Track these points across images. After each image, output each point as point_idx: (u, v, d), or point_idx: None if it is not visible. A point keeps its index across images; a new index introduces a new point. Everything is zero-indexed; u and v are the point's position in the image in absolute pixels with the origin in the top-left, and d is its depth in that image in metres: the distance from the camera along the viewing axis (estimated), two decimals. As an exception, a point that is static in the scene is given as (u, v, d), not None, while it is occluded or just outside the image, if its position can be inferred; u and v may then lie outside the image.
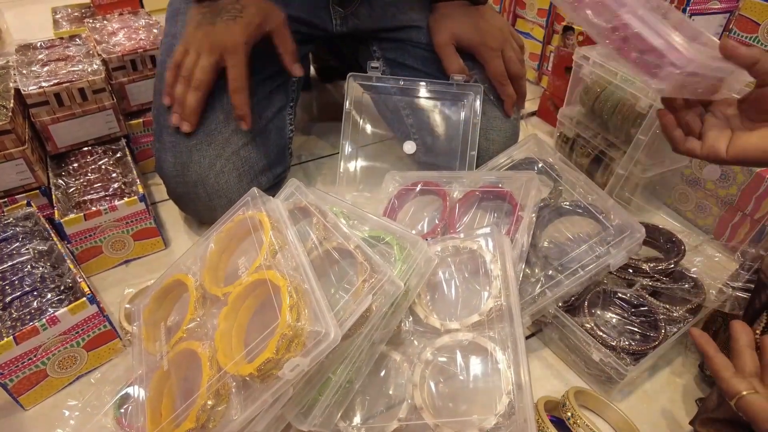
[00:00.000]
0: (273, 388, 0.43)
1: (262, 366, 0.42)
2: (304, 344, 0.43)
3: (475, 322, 0.52)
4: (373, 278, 0.47)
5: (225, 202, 0.73)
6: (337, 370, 0.47)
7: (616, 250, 0.58)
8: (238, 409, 0.45)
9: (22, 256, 0.63)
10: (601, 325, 0.59)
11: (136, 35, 0.91)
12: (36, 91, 0.73)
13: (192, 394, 0.47)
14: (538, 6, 1.19)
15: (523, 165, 0.73)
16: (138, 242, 0.75)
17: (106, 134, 0.82)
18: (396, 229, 0.54)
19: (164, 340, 0.54)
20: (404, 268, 0.50)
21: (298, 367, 0.41)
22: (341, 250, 0.53)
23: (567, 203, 0.66)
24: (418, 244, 0.52)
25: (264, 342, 0.43)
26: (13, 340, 0.53)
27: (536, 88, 1.28)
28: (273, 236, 0.52)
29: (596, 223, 0.63)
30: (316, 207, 0.56)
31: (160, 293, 0.58)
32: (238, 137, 0.74)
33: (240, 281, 0.51)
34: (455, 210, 0.66)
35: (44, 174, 0.75)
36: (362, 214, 0.58)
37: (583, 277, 0.57)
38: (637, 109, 0.75)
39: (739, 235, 0.75)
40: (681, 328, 0.59)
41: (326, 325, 0.43)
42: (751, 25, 0.74)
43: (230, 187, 0.73)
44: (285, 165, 0.84)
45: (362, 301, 0.45)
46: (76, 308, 0.56)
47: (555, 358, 0.63)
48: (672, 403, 0.59)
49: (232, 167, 0.73)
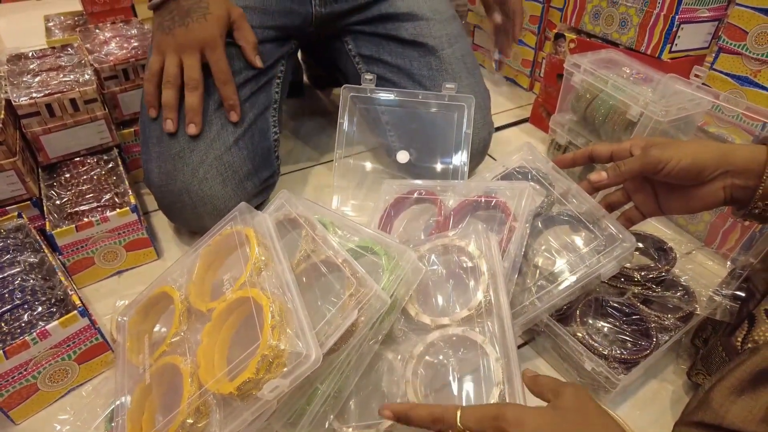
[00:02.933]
0: (253, 407, 0.43)
1: (242, 386, 0.42)
2: (285, 365, 0.43)
3: (465, 317, 0.52)
4: (359, 293, 0.47)
5: (211, 209, 0.73)
6: (325, 381, 0.48)
7: (608, 260, 0.58)
8: (217, 427, 0.44)
9: (12, 269, 0.63)
10: (593, 333, 0.59)
11: (128, 44, 0.91)
12: (27, 102, 0.73)
13: (173, 409, 0.47)
14: (530, 13, 1.19)
15: (516, 173, 0.74)
16: (130, 253, 0.75)
17: (98, 144, 0.82)
18: (384, 239, 0.55)
19: (148, 353, 0.54)
20: (392, 278, 0.51)
21: (278, 389, 0.41)
22: (329, 263, 0.53)
23: (559, 212, 0.66)
24: (405, 254, 0.52)
25: (245, 361, 0.43)
26: (3, 355, 0.53)
27: (528, 95, 1.29)
28: (259, 252, 0.52)
29: (588, 232, 0.63)
30: (305, 219, 0.57)
31: (145, 305, 0.58)
32: (220, 142, 0.74)
33: (224, 297, 0.51)
34: (449, 219, 0.66)
35: (35, 185, 0.75)
36: (351, 224, 0.58)
37: (574, 287, 0.57)
38: (627, 116, 0.76)
39: (730, 242, 0.76)
40: (672, 336, 0.59)
41: (307, 347, 0.42)
42: (740, 33, 0.75)
43: (215, 194, 0.73)
44: (272, 169, 0.83)
45: (348, 315, 0.46)
46: (67, 321, 0.56)
47: (548, 367, 0.64)
48: (663, 411, 0.59)
49: (216, 173, 0.73)
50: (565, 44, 0.99)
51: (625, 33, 0.88)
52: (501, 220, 0.64)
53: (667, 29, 0.81)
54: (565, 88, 0.89)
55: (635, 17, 0.85)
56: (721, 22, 0.84)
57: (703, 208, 0.55)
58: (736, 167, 0.51)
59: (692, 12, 0.81)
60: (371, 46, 0.88)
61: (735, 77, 0.77)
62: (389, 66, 0.87)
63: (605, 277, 0.59)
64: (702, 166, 0.51)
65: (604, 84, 0.79)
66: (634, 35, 0.87)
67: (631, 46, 0.88)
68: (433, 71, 0.85)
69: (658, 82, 0.77)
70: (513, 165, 0.75)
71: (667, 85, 0.76)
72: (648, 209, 0.60)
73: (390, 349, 0.54)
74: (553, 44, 1.03)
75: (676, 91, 0.74)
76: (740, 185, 0.51)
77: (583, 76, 0.82)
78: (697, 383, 0.58)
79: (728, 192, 0.52)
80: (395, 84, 0.86)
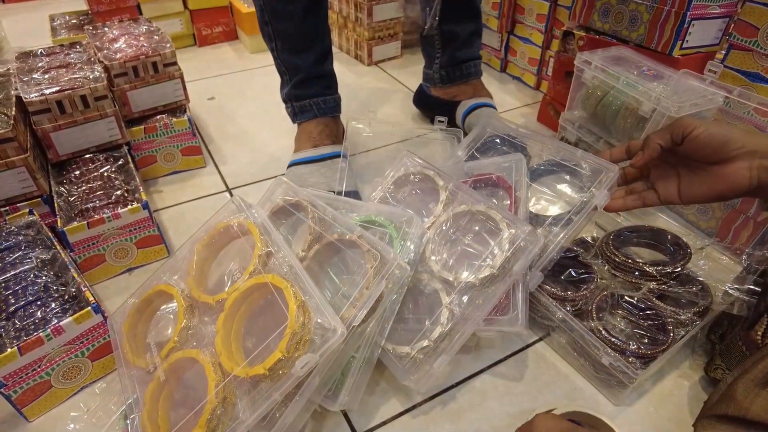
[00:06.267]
0: (283, 386, 0.44)
1: (274, 366, 0.43)
2: (312, 341, 0.45)
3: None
4: (384, 265, 0.49)
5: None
6: (359, 350, 0.51)
7: (598, 191, 0.61)
8: (246, 411, 0.45)
9: (24, 265, 0.62)
10: (610, 329, 0.59)
11: (137, 42, 0.91)
12: (38, 99, 0.73)
13: (192, 402, 0.47)
14: (537, 11, 1.19)
15: (488, 144, 0.75)
16: (141, 250, 0.75)
17: (108, 141, 0.82)
18: (386, 209, 0.56)
19: (155, 352, 0.53)
20: (406, 245, 0.53)
21: (308, 364, 0.43)
22: (342, 240, 0.54)
23: (540, 165, 0.68)
24: (413, 220, 0.54)
25: (272, 343, 0.44)
26: (17, 351, 0.52)
27: (535, 93, 1.29)
28: (263, 241, 0.53)
29: (572, 175, 0.65)
30: (309, 201, 0.57)
31: (138, 307, 0.58)
32: None
33: (236, 287, 0.51)
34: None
35: (46, 182, 0.75)
36: (350, 201, 0.60)
37: (577, 223, 0.60)
38: (639, 113, 0.76)
39: (742, 238, 0.75)
40: (689, 331, 0.59)
41: (333, 321, 0.45)
42: (751, 29, 0.74)
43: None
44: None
45: (376, 288, 0.48)
46: (80, 318, 0.56)
47: (563, 363, 0.63)
48: (680, 407, 0.58)
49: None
50: (573, 42, 0.99)
51: (635, 30, 0.88)
52: (503, 195, 0.67)
53: (678, 26, 0.81)
54: (575, 86, 0.89)
55: (645, 14, 0.85)
56: (732, 19, 0.84)
57: (726, 191, 0.54)
58: (765, 148, 0.50)
59: (703, 8, 0.81)
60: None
61: (746, 74, 0.77)
62: None
63: (601, 206, 0.61)
64: (728, 137, 0.51)
65: (615, 80, 0.79)
66: (644, 32, 0.86)
67: (641, 43, 0.88)
68: None
69: (669, 78, 0.77)
70: (483, 136, 0.76)
71: (680, 81, 0.76)
72: (668, 195, 0.59)
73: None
74: (562, 42, 1.03)
75: (689, 86, 0.74)
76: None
77: (593, 73, 0.82)
78: (715, 379, 0.58)
79: (755, 174, 0.51)
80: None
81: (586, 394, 0.60)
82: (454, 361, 0.56)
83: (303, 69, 0.87)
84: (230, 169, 1.00)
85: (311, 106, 0.90)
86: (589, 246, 0.68)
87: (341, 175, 0.82)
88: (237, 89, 1.33)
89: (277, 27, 0.84)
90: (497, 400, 0.59)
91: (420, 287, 0.57)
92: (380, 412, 0.58)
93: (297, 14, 0.81)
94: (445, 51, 1.01)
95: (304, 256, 0.57)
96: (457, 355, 0.54)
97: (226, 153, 1.05)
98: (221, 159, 1.03)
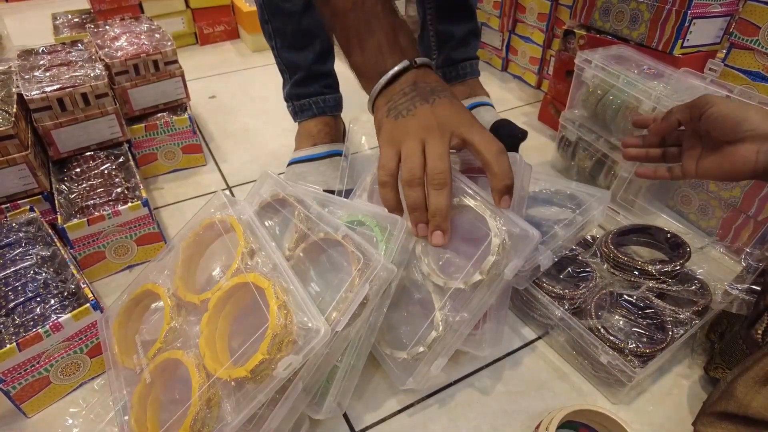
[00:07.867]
0: (266, 388, 0.43)
1: (256, 368, 0.42)
2: (295, 342, 0.43)
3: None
4: (368, 267, 0.47)
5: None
6: (342, 357, 0.49)
7: (594, 208, 0.62)
8: (231, 413, 0.44)
9: (25, 262, 0.63)
10: (609, 327, 0.59)
11: (138, 40, 0.91)
12: (39, 96, 0.73)
13: (178, 403, 0.47)
14: (538, 10, 1.19)
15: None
16: (141, 247, 0.75)
17: (109, 139, 0.82)
18: (372, 210, 0.55)
19: (142, 353, 0.53)
20: (390, 247, 0.51)
21: (291, 366, 0.42)
22: (328, 240, 0.53)
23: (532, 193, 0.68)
24: (398, 223, 0.52)
25: (255, 344, 0.44)
26: (16, 347, 0.53)
27: (536, 92, 1.28)
28: (246, 238, 0.52)
29: (565, 199, 0.67)
30: (295, 198, 0.56)
31: (127, 306, 0.57)
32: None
33: (219, 286, 0.50)
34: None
35: (47, 179, 0.75)
36: (336, 199, 0.58)
37: (578, 224, 0.61)
38: (640, 112, 0.75)
39: (743, 237, 0.75)
40: (688, 329, 0.59)
41: (315, 322, 0.44)
42: (752, 28, 0.74)
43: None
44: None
45: (359, 290, 0.46)
46: (79, 314, 0.56)
47: (561, 361, 0.63)
48: (679, 406, 0.58)
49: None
50: (574, 41, 0.99)
51: (636, 29, 0.88)
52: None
53: (678, 24, 0.81)
54: (575, 84, 0.88)
55: (646, 13, 0.85)
56: (733, 18, 0.84)
57: (731, 171, 0.54)
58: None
59: (704, 7, 0.80)
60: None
61: (747, 72, 0.77)
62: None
63: (597, 221, 0.62)
64: (742, 118, 0.51)
65: (615, 79, 0.79)
66: (645, 31, 0.86)
67: (641, 42, 0.88)
68: None
69: (669, 77, 0.77)
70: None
71: (680, 80, 0.75)
72: (688, 168, 0.60)
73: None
74: (563, 41, 1.02)
75: (689, 85, 0.74)
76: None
77: (594, 72, 0.82)
78: (715, 378, 0.58)
79: (762, 158, 0.51)
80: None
81: (584, 393, 0.60)
82: (451, 359, 0.55)
83: (303, 67, 0.87)
84: (231, 167, 1.00)
85: (311, 105, 0.90)
86: (589, 244, 0.68)
87: (342, 174, 0.82)
88: (238, 88, 1.33)
89: (276, 25, 0.84)
90: (495, 398, 0.59)
91: (414, 289, 0.57)
92: (378, 409, 0.58)
93: (296, 12, 0.81)
94: (440, 52, 1.01)
95: (290, 255, 0.56)
96: (455, 353, 0.54)
97: (227, 151, 1.05)
98: (222, 157, 1.03)
